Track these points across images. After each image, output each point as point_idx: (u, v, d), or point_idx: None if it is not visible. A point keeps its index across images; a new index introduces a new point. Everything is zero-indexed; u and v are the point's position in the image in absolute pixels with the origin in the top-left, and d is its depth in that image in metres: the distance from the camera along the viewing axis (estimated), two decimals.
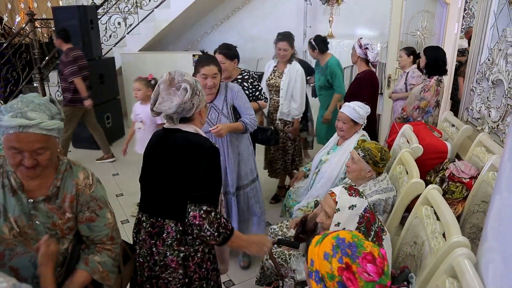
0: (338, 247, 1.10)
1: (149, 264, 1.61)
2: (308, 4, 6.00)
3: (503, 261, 1.10)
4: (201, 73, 2.27)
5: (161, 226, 1.58)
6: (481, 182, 2.09)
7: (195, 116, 1.62)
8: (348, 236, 1.13)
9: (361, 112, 2.50)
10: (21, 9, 8.29)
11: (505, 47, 2.43)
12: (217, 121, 2.40)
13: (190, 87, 1.52)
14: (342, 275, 1.06)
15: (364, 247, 1.09)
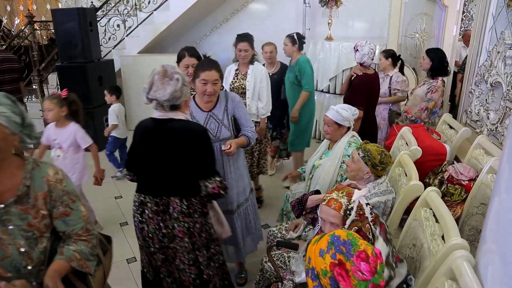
0: (333, 244, 1.10)
1: (158, 237, 1.89)
2: (307, 7, 6.01)
3: (502, 263, 1.10)
4: (200, 78, 2.14)
5: (166, 204, 1.84)
6: (480, 184, 2.09)
7: (182, 105, 1.85)
8: (344, 234, 1.13)
9: (344, 115, 2.46)
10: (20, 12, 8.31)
11: (503, 49, 2.44)
12: (217, 132, 2.26)
13: (181, 77, 1.79)
14: (333, 270, 1.06)
15: (358, 245, 1.10)
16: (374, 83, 3.28)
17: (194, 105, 2.28)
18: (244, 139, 2.33)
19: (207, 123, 2.26)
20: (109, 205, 3.73)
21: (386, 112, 3.94)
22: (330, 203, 1.57)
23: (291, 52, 3.90)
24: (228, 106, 2.32)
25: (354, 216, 1.50)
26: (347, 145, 2.46)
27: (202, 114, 2.26)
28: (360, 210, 1.51)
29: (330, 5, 5.31)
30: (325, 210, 1.59)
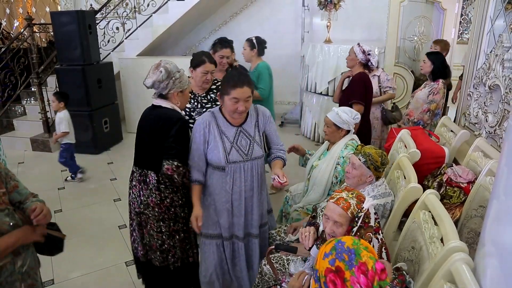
0: (335, 249, 1.09)
1: (137, 203, 2.20)
2: (306, 10, 6.03)
3: (501, 265, 1.10)
4: (231, 96, 1.94)
5: (145, 175, 2.15)
6: (479, 187, 2.09)
7: (169, 96, 2.11)
8: (349, 242, 1.12)
9: (344, 117, 2.47)
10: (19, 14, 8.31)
11: (501, 52, 2.45)
12: (248, 149, 2.09)
13: (166, 71, 2.03)
14: (327, 276, 1.05)
15: (361, 257, 1.08)
16: (370, 82, 3.33)
17: (222, 119, 2.09)
18: (281, 163, 2.19)
19: (237, 139, 2.08)
20: (108, 208, 3.72)
21: (378, 111, 3.97)
22: (339, 201, 1.56)
23: (250, 57, 3.70)
24: (259, 121, 2.16)
25: (360, 223, 1.51)
26: (343, 147, 2.47)
27: (231, 129, 2.08)
28: (366, 217, 1.52)
29: (329, 8, 5.32)
30: (332, 208, 1.58)
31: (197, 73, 2.52)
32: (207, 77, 2.53)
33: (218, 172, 2.10)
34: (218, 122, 2.09)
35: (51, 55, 5.88)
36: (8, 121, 5.88)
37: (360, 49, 3.28)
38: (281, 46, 6.44)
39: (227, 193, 2.12)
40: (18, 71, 5.87)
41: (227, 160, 2.06)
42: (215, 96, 2.62)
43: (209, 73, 2.53)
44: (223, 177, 2.10)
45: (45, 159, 5.14)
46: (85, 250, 3.06)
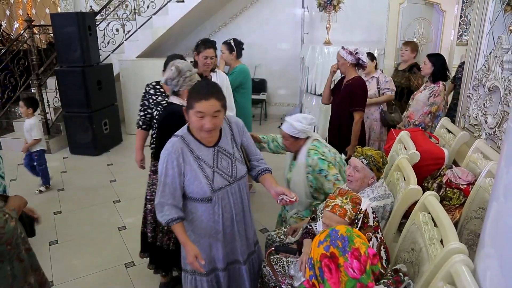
0: (329, 236, 1.12)
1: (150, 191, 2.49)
2: (306, 11, 6.04)
3: (501, 267, 1.10)
4: (195, 110, 1.64)
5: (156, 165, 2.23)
6: (478, 188, 2.09)
7: (180, 93, 2.22)
8: (343, 229, 1.15)
9: (299, 127, 2.39)
10: (19, 16, 8.32)
11: (500, 54, 2.45)
12: (231, 170, 1.82)
13: (177, 69, 2.17)
14: (322, 261, 1.08)
15: (354, 243, 1.11)
16: (366, 85, 3.29)
17: (194, 141, 1.77)
18: (272, 176, 1.99)
19: (216, 162, 1.79)
20: (107, 209, 3.72)
21: (377, 113, 3.98)
22: (334, 209, 1.58)
23: (229, 60, 3.65)
24: (234, 134, 1.89)
25: (360, 224, 1.52)
26: (306, 155, 2.43)
27: (207, 151, 1.78)
28: (365, 218, 1.53)
29: (329, 10, 5.33)
30: (329, 216, 1.59)
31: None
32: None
33: (203, 205, 1.79)
34: (191, 146, 1.75)
35: (51, 57, 5.89)
36: (7, 122, 5.88)
37: (346, 51, 3.20)
38: (280, 47, 6.45)
39: (217, 223, 1.82)
40: (18, 72, 5.88)
41: (213, 189, 1.75)
42: None
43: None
44: (210, 209, 1.79)
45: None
46: (84, 252, 3.05)
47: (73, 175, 4.57)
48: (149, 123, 2.68)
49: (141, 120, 2.68)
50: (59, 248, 3.11)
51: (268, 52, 6.43)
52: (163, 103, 2.53)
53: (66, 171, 4.71)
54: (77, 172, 4.66)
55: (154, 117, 2.57)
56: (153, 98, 2.60)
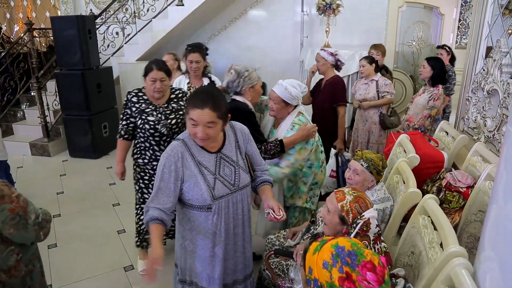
0: (338, 256, 1.09)
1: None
2: (305, 15, 6.05)
3: (501, 270, 1.09)
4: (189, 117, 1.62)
5: None
6: (478, 192, 2.09)
7: (243, 92, 2.44)
8: (348, 244, 1.12)
9: (293, 93, 2.34)
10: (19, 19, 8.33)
11: (499, 57, 2.46)
12: (234, 178, 1.74)
13: (235, 72, 2.41)
14: (343, 285, 1.05)
15: (364, 256, 1.09)
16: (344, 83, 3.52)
17: (196, 146, 1.71)
18: (270, 188, 1.91)
19: (219, 168, 1.72)
20: (107, 213, 3.71)
21: (376, 116, 3.98)
22: (338, 192, 1.65)
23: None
24: (239, 141, 1.82)
25: (358, 229, 1.52)
26: (290, 127, 2.39)
27: (209, 157, 1.71)
28: (365, 226, 1.53)
29: (328, 13, 5.35)
30: (330, 196, 1.67)
31: (146, 82, 2.44)
32: (155, 86, 2.41)
33: (202, 213, 1.70)
34: (192, 151, 1.69)
35: (50, 60, 5.89)
36: (7, 125, 5.88)
37: (327, 52, 3.45)
38: (280, 51, 6.46)
39: (215, 235, 1.73)
40: (17, 75, 5.89)
41: (213, 197, 1.67)
42: (177, 106, 2.55)
43: (157, 81, 2.40)
44: (208, 218, 1.70)
45: (44, 163, 5.14)
46: (84, 255, 3.04)
47: (73, 178, 4.56)
48: (132, 133, 2.56)
49: (123, 129, 2.55)
50: (58, 251, 3.11)
51: (268, 55, 6.44)
52: (147, 110, 2.47)
53: (66, 174, 4.71)
54: (77, 175, 4.65)
55: (138, 126, 2.48)
56: (136, 106, 2.49)
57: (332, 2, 5.26)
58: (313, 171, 2.54)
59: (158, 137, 2.47)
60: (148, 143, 2.50)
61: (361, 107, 4.04)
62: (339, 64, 3.47)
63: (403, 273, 1.52)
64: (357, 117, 4.20)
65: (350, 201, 1.60)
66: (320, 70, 3.52)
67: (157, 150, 2.51)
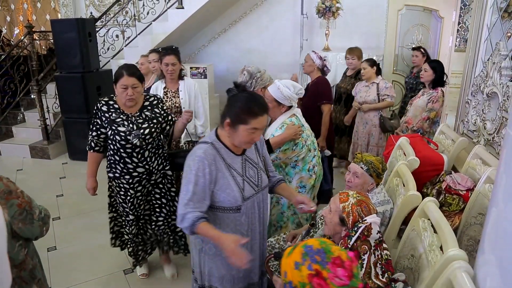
0: (307, 255, 1.10)
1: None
2: (305, 18, 6.07)
3: (501, 273, 1.09)
4: (250, 127, 1.62)
5: None
6: (478, 194, 2.09)
7: (256, 90, 2.50)
8: (316, 243, 1.14)
9: (285, 92, 2.31)
10: (20, 22, 8.35)
11: (498, 60, 2.46)
12: (257, 179, 1.80)
13: (248, 73, 2.53)
14: (312, 281, 1.07)
15: (332, 252, 1.10)
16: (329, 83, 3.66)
17: (225, 149, 1.72)
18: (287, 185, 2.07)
19: (245, 170, 1.77)
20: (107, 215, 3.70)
21: (376, 119, 3.99)
22: (342, 194, 1.67)
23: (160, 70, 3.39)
24: (257, 144, 1.88)
25: (359, 233, 1.52)
26: (279, 126, 2.37)
27: (237, 159, 1.75)
28: (366, 231, 1.53)
29: (328, 16, 5.37)
30: (335, 197, 1.69)
31: (117, 89, 2.26)
32: (127, 93, 2.22)
33: (231, 215, 1.73)
34: (222, 153, 1.71)
35: (51, 63, 5.90)
36: (7, 128, 5.88)
37: (317, 55, 3.56)
38: (280, 53, 6.47)
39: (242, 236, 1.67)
40: (17, 78, 5.89)
41: (244, 198, 1.72)
42: (151, 114, 2.36)
43: (129, 88, 2.21)
44: (237, 219, 1.74)
45: (43, 166, 5.14)
46: (83, 258, 3.04)
47: (72, 181, 4.56)
48: (104, 144, 2.41)
49: (93, 141, 2.41)
50: (58, 254, 3.10)
51: (268, 58, 6.45)
52: (118, 120, 2.28)
53: (65, 176, 4.71)
54: (76, 178, 4.64)
55: (109, 137, 2.32)
56: (106, 115, 2.30)
57: (331, 5, 5.28)
58: (296, 172, 2.47)
59: (130, 148, 2.31)
60: (119, 156, 2.34)
61: (361, 109, 4.04)
62: (325, 69, 3.59)
63: (403, 277, 1.52)
64: (357, 120, 4.20)
65: (353, 204, 1.60)
66: (306, 70, 3.66)
67: (129, 162, 2.34)
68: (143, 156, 2.36)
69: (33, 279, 1.57)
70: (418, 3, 5.46)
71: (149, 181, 2.48)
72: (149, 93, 2.53)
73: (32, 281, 1.56)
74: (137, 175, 2.39)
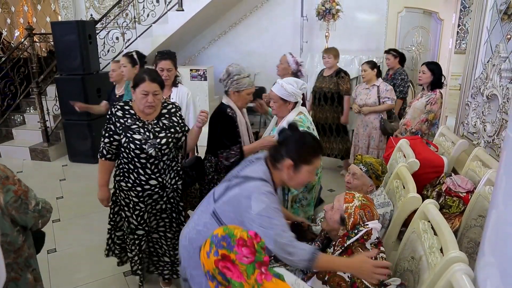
0: (213, 243, 1.15)
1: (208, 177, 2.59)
2: (305, 20, 6.08)
3: (501, 276, 1.09)
4: (312, 167, 1.66)
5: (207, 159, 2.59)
6: (478, 196, 2.09)
7: (229, 93, 2.49)
8: (220, 230, 1.18)
9: (289, 89, 2.34)
10: (20, 24, 8.37)
11: (498, 62, 2.47)
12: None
13: (227, 72, 2.48)
14: (218, 266, 1.12)
15: (235, 235, 1.15)
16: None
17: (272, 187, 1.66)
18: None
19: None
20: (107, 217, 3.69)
21: (377, 121, 3.99)
22: (348, 194, 1.69)
23: (130, 76, 3.24)
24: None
25: (359, 236, 1.52)
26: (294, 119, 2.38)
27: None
28: (366, 235, 1.53)
29: (327, 18, 5.37)
30: (341, 195, 1.71)
31: (136, 95, 2.13)
32: (147, 100, 2.09)
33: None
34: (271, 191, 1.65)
35: (51, 65, 5.91)
36: (7, 130, 5.88)
37: (294, 59, 3.51)
38: (280, 56, 6.45)
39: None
40: (18, 80, 5.90)
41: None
42: (169, 123, 2.24)
43: (150, 95, 2.09)
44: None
45: (43, 168, 5.13)
46: (83, 260, 3.03)
47: (72, 183, 4.56)
48: (116, 152, 2.24)
49: (105, 148, 2.21)
50: (58, 256, 3.09)
51: (267, 60, 6.45)
52: (133, 127, 2.15)
53: (65, 179, 4.70)
54: (76, 180, 4.64)
55: (122, 145, 2.16)
56: (121, 121, 2.16)
57: (331, 8, 5.29)
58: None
59: (145, 159, 2.16)
60: (133, 165, 2.19)
61: (361, 112, 4.04)
62: (299, 74, 3.54)
63: (398, 282, 1.52)
64: (358, 122, 4.20)
65: (356, 206, 1.60)
66: (280, 72, 3.61)
67: (142, 174, 2.19)
68: (157, 168, 2.20)
69: (28, 267, 1.58)
70: (418, 5, 5.48)
71: (162, 198, 2.31)
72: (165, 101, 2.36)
73: (27, 269, 1.57)
74: (149, 188, 2.23)
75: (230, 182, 1.69)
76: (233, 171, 1.80)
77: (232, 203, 1.61)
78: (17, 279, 1.50)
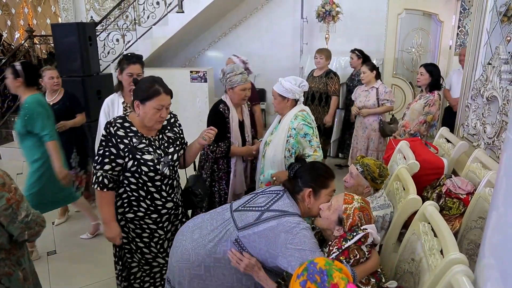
0: (306, 270, 1.08)
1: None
2: (305, 22, 6.09)
3: (501, 277, 1.09)
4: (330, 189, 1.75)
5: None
6: (478, 198, 2.09)
7: (226, 89, 2.65)
8: (322, 262, 1.11)
9: (286, 86, 2.39)
10: (20, 26, 8.38)
11: (498, 64, 2.47)
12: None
13: (222, 71, 2.65)
14: None
15: (333, 278, 1.07)
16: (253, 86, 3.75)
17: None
18: None
19: None
20: None
21: (376, 123, 3.99)
22: (348, 195, 1.65)
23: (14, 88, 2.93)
24: None
25: (357, 239, 1.52)
26: (293, 118, 2.42)
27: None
28: (363, 238, 1.53)
29: (327, 20, 5.38)
30: (340, 195, 1.68)
31: (147, 109, 1.81)
32: (161, 115, 1.84)
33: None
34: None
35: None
36: (7, 132, 5.89)
37: (239, 59, 3.62)
38: (280, 57, 6.49)
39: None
40: None
41: None
42: (173, 135, 2.02)
43: (164, 109, 1.84)
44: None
45: None
46: (83, 261, 3.03)
47: None
48: (117, 179, 1.89)
49: (106, 177, 1.82)
50: (57, 258, 3.09)
51: (268, 62, 6.47)
52: (141, 147, 1.85)
53: None
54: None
55: (128, 169, 1.85)
56: (124, 142, 1.83)
57: (331, 9, 5.30)
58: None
59: (159, 180, 1.89)
60: (144, 190, 1.89)
61: (360, 114, 4.04)
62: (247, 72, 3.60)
63: (394, 285, 1.52)
64: (357, 124, 4.20)
65: (355, 208, 1.59)
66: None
67: (158, 198, 1.91)
68: (171, 188, 1.97)
69: (19, 265, 1.61)
70: (418, 7, 5.49)
71: (177, 217, 2.08)
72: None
73: (19, 267, 1.61)
74: (166, 212, 1.97)
75: (261, 214, 1.64)
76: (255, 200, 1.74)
77: (266, 236, 1.60)
78: (10, 274, 1.55)
